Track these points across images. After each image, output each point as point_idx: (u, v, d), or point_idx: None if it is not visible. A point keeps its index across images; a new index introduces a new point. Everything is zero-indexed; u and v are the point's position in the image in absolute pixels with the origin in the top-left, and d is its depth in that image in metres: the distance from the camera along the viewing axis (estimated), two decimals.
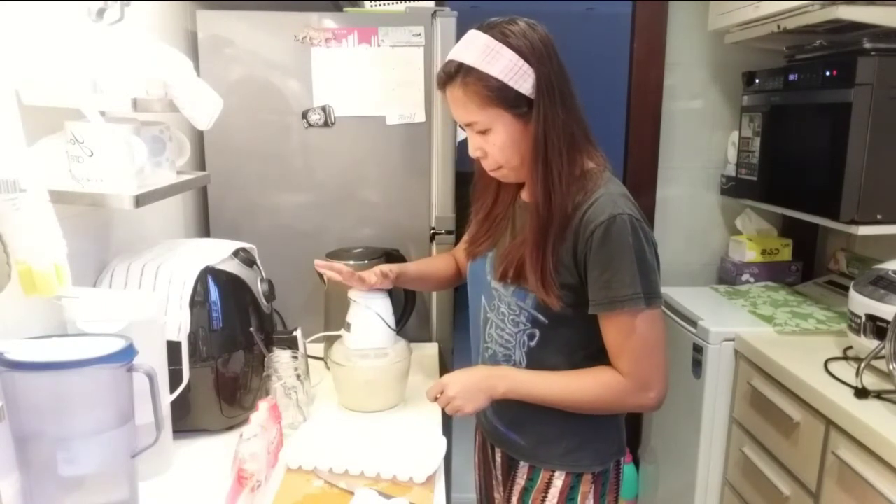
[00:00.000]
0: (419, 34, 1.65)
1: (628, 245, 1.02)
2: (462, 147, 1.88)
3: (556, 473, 1.19)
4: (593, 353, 1.12)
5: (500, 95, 1.04)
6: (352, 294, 1.37)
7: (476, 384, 1.14)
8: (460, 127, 1.15)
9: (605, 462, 1.20)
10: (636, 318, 1.04)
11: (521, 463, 1.22)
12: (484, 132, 1.09)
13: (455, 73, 1.06)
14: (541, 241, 1.07)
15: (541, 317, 1.12)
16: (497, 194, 1.23)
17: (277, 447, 1.18)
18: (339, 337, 1.48)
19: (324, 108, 1.68)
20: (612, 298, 1.04)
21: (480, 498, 1.41)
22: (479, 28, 1.06)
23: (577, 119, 1.09)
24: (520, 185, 1.20)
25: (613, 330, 1.07)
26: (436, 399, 1.16)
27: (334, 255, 1.66)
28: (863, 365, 1.46)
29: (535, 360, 1.16)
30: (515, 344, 1.17)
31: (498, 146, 1.09)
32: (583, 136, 1.10)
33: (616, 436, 1.22)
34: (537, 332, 1.14)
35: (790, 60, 2.05)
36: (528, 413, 1.16)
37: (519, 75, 1.03)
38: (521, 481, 1.22)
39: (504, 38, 1.03)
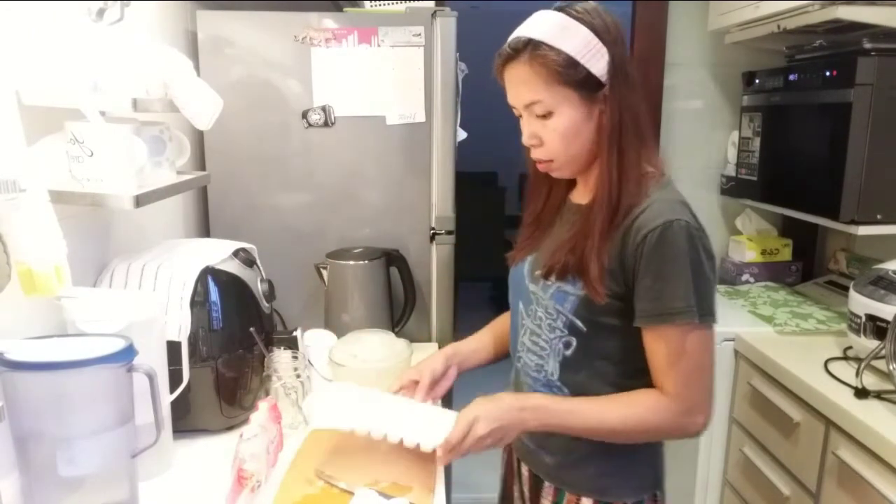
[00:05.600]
0: (419, 34, 1.65)
1: (683, 254, 0.94)
2: (462, 147, 1.88)
3: (583, 500, 1.09)
4: (631, 372, 1.04)
5: (569, 73, 0.96)
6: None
7: (507, 419, 1.02)
8: (514, 111, 1.06)
9: (639, 494, 1.09)
10: (687, 334, 0.96)
11: (546, 483, 1.14)
12: (544, 116, 1.00)
13: (522, 48, 0.98)
14: (607, 230, 0.99)
15: (579, 323, 1.03)
16: (547, 198, 1.16)
17: (277, 447, 1.18)
18: (339, 336, 1.48)
19: (324, 108, 1.68)
20: (661, 311, 0.96)
21: None
22: (551, 9, 1.00)
23: (645, 113, 1.03)
24: (568, 189, 1.15)
25: (661, 346, 0.98)
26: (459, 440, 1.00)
27: (334, 255, 1.66)
28: (863, 365, 1.46)
29: (568, 372, 1.07)
30: (550, 352, 1.08)
31: (559, 132, 1.00)
32: (648, 133, 1.04)
33: (652, 465, 1.12)
34: (574, 341, 1.05)
35: (790, 60, 2.05)
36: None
37: (592, 54, 0.96)
38: (546, 503, 1.14)
39: (578, 16, 0.97)
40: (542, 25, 0.98)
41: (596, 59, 0.97)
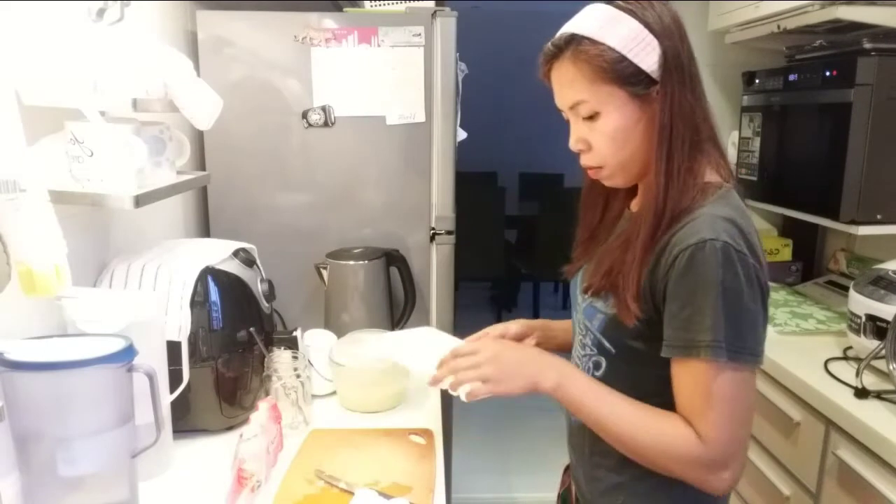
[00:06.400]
0: (419, 34, 1.65)
1: (715, 279, 0.82)
2: (462, 147, 1.88)
3: None
4: (667, 404, 0.90)
5: (615, 70, 0.87)
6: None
7: (522, 362, 0.94)
8: (563, 114, 0.96)
9: None
10: (717, 374, 0.83)
11: None
12: (591, 117, 0.91)
13: (565, 45, 0.90)
14: (649, 242, 0.89)
15: (607, 343, 0.95)
16: (604, 211, 1.06)
17: (277, 447, 1.18)
18: (339, 336, 1.48)
19: (324, 108, 1.68)
20: (687, 342, 0.85)
21: None
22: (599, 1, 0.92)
23: (705, 115, 0.92)
24: (628, 198, 1.04)
25: (688, 382, 0.86)
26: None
27: (334, 255, 1.66)
28: (863, 365, 1.46)
29: None
30: (583, 369, 1.01)
31: (607, 134, 0.91)
32: (708, 138, 0.92)
33: None
34: (603, 362, 0.97)
35: (790, 60, 2.05)
36: (588, 443, 1.00)
37: (641, 47, 0.87)
38: None
39: (626, 6, 0.88)
40: (587, 19, 0.90)
41: (646, 53, 0.87)
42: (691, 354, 0.85)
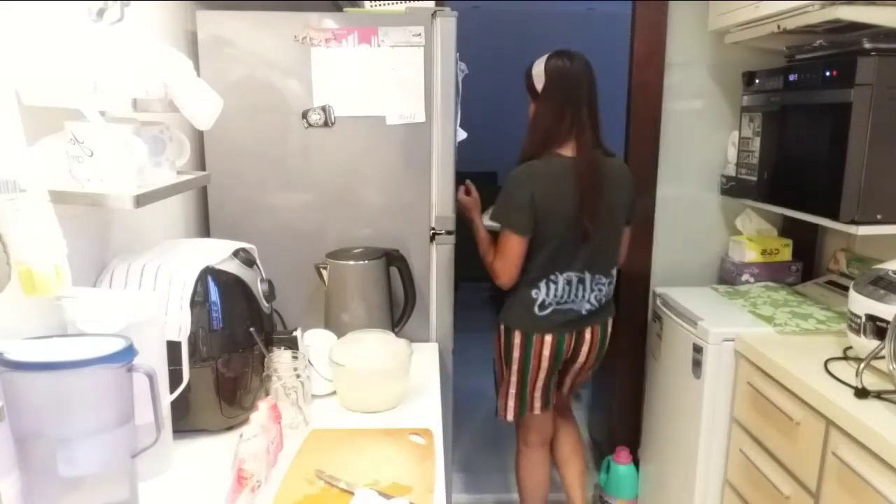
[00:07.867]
0: (419, 34, 1.65)
1: (503, 187, 1.82)
2: (462, 147, 1.88)
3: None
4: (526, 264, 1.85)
5: (528, 85, 1.88)
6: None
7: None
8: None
9: (506, 323, 1.93)
10: (501, 229, 1.81)
11: None
12: None
13: None
14: None
15: None
16: None
17: (277, 447, 1.18)
18: (339, 336, 1.48)
19: (324, 108, 1.68)
20: None
21: None
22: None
23: (560, 124, 1.82)
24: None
25: None
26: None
27: (334, 255, 1.66)
28: (863, 365, 1.46)
29: None
30: None
31: (530, 116, 1.90)
32: (559, 134, 1.82)
33: (515, 314, 1.90)
34: None
35: (790, 60, 2.05)
36: None
37: (539, 78, 1.84)
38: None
39: (553, 57, 1.83)
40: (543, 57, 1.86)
41: (538, 82, 1.84)
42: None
